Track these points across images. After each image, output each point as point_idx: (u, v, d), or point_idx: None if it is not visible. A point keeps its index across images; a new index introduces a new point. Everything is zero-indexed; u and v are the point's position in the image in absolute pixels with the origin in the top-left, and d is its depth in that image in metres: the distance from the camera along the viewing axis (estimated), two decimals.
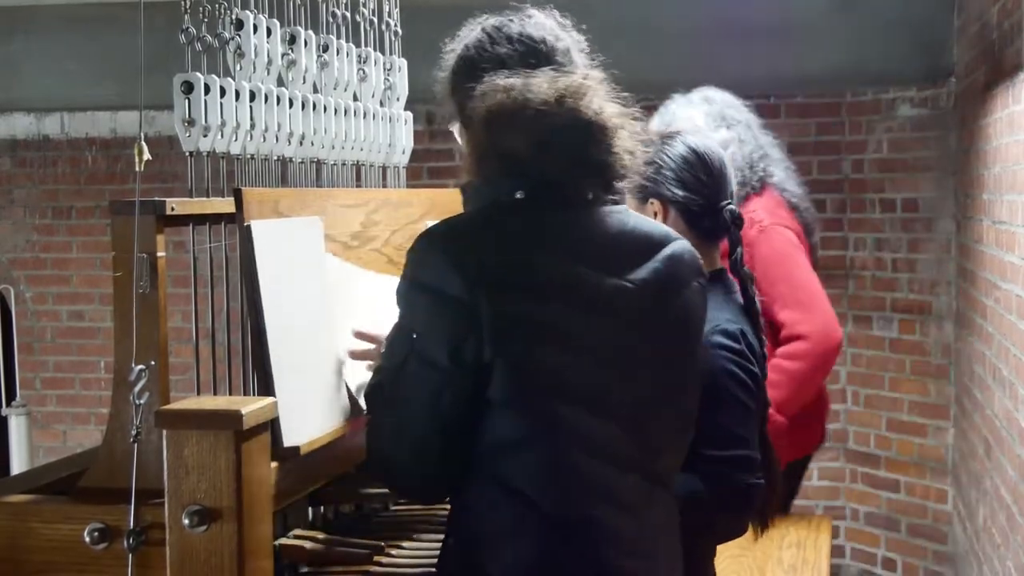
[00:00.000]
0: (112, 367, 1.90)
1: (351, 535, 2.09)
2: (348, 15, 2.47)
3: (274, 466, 1.82)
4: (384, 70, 2.60)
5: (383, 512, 2.30)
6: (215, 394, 1.97)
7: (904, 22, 4.63)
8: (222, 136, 2.03)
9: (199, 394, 1.98)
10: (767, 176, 3.39)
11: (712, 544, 2.21)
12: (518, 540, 1.68)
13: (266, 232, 1.90)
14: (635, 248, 1.77)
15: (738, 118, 3.41)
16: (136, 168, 1.81)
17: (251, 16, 2.11)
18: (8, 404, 5.93)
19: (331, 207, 2.16)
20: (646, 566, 1.76)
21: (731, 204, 2.22)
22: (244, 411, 1.69)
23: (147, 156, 1.84)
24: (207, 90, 1.99)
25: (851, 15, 4.64)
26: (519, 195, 1.74)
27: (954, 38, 4.61)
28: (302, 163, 2.31)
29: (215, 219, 2.02)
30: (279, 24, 2.20)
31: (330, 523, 2.16)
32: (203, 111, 1.98)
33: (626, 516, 1.72)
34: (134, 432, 1.73)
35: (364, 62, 2.51)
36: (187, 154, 2.01)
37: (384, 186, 2.61)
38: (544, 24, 1.90)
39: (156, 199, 1.86)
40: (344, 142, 2.41)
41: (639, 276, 1.75)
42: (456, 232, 1.74)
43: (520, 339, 1.66)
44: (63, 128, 5.97)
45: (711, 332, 2.04)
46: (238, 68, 2.10)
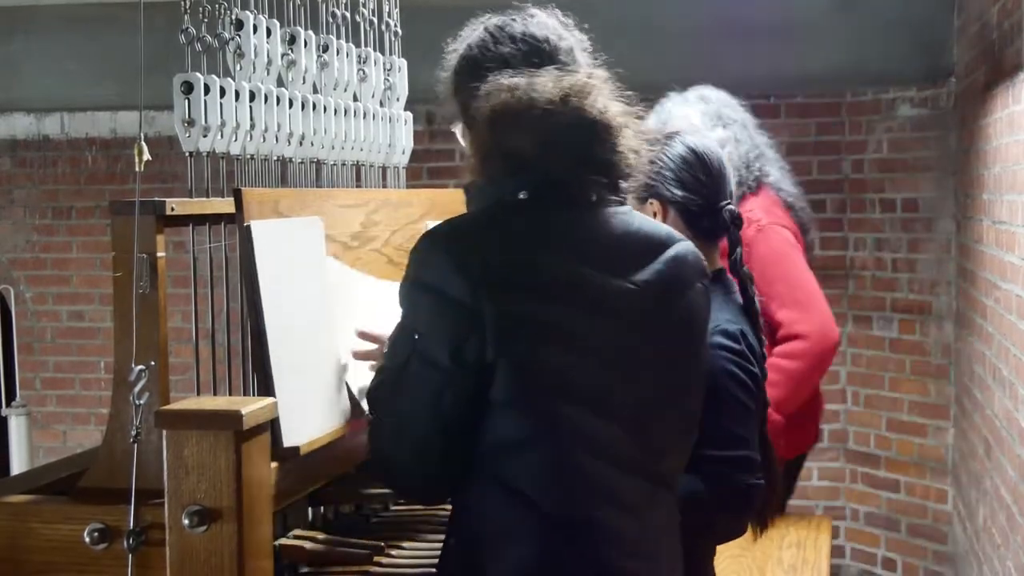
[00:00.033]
0: (112, 367, 1.90)
1: (351, 535, 2.08)
2: (348, 15, 2.47)
3: (274, 466, 1.82)
4: (384, 70, 2.60)
5: (383, 512, 2.30)
6: (215, 394, 1.97)
7: (904, 22, 4.63)
8: (222, 136, 2.03)
9: (199, 394, 1.98)
10: (763, 175, 3.38)
11: (712, 544, 2.20)
12: (519, 541, 1.67)
13: (266, 232, 1.90)
14: (639, 249, 1.77)
15: (734, 117, 3.40)
16: (136, 168, 1.81)
17: (251, 16, 2.11)
18: (8, 404, 5.93)
19: (331, 207, 2.16)
20: (647, 567, 1.75)
21: (730, 204, 2.22)
22: (244, 411, 1.69)
23: (147, 156, 1.84)
24: (207, 90, 1.99)
25: (851, 15, 4.64)
26: (523, 195, 1.73)
27: (954, 38, 4.61)
28: (302, 163, 2.31)
29: (215, 219, 2.02)
30: (279, 24, 2.20)
31: (330, 523, 2.16)
32: (203, 111, 1.98)
33: (628, 517, 1.72)
34: (134, 432, 1.73)
35: (364, 62, 2.51)
36: (187, 154, 2.01)
37: (384, 186, 2.61)
38: (547, 23, 1.89)
39: (156, 199, 1.86)
40: (344, 142, 2.40)
41: (643, 277, 1.74)
42: (459, 232, 1.73)
43: (523, 339, 1.65)
44: (63, 128, 5.97)
45: (712, 332, 2.04)
46: (238, 68, 2.10)
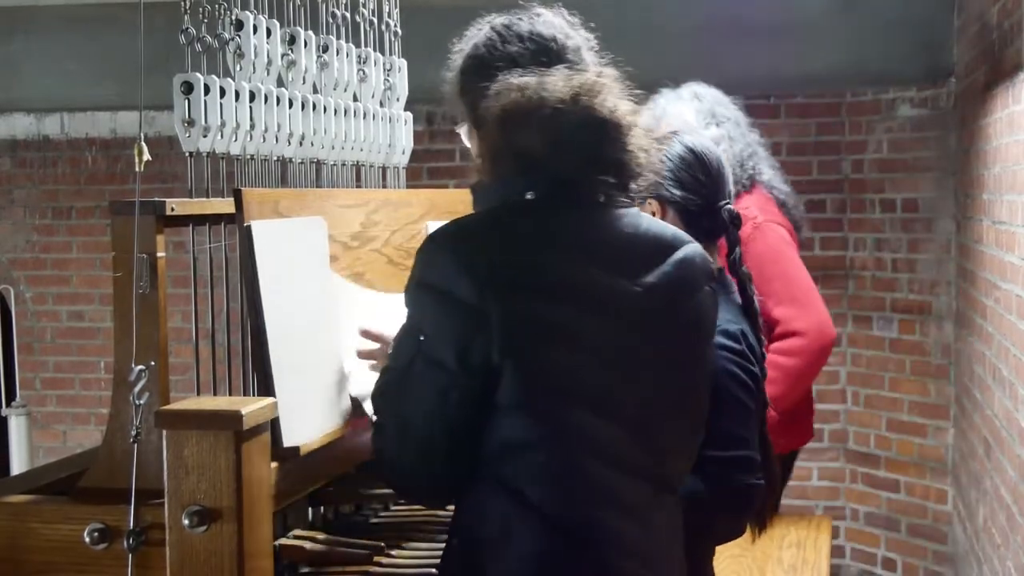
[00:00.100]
0: (112, 367, 1.90)
1: (351, 535, 2.08)
2: (348, 15, 2.47)
3: (274, 466, 1.82)
4: (384, 70, 2.60)
5: (383, 512, 2.30)
6: (215, 394, 1.97)
7: (904, 22, 4.63)
8: (222, 136, 2.03)
9: (199, 394, 1.98)
10: (756, 174, 3.38)
11: (711, 545, 2.20)
12: (520, 542, 1.67)
13: (266, 232, 1.90)
14: (647, 251, 1.76)
15: (727, 115, 3.40)
16: (136, 168, 1.81)
17: (251, 17, 2.11)
18: (8, 404, 5.93)
19: (331, 207, 2.15)
20: (648, 569, 1.74)
21: (729, 204, 2.22)
22: (244, 411, 1.69)
23: (147, 156, 1.84)
24: (207, 90, 1.99)
25: (851, 15, 4.64)
26: (530, 195, 1.72)
27: (954, 38, 4.61)
28: (302, 163, 2.31)
29: (215, 219, 2.02)
30: (279, 25, 2.20)
31: (330, 523, 2.16)
32: (203, 111, 1.98)
33: (630, 520, 1.71)
34: (134, 432, 1.73)
35: (364, 62, 2.51)
36: (187, 154, 2.01)
37: (384, 186, 2.61)
38: (553, 22, 1.87)
39: (156, 199, 1.86)
40: (344, 142, 2.41)
41: (650, 280, 1.73)
42: (466, 232, 1.71)
43: (530, 341, 1.64)
44: (63, 128, 5.97)
45: None
46: (238, 68, 2.11)
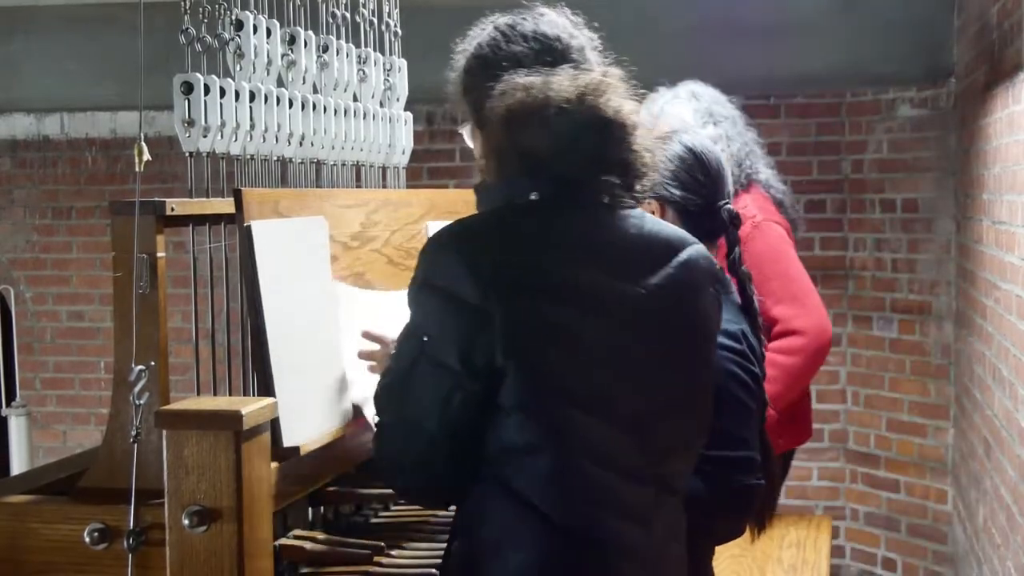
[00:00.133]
0: (112, 367, 1.90)
1: (351, 535, 2.08)
2: (348, 15, 2.47)
3: (274, 466, 1.82)
4: (384, 70, 2.60)
5: (383, 513, 2.30)
6: (215, 394, 1.98)
7: (904, 22, 4.64)
8: (222, 136, 2.03)
9: (199, 394, 1.98)
10: (754, 173, 3.38)
11: (711, 545, 2.20)
12: (521, 545, 1.66)
13: (266, 232, 1.90)
14: (651, 252, 1.75)
15: (724, 114, 3.39)
16: (136, 168, 1.82)
17: (251, 17, 2.11)
18: (8, 404, 5.93)
19: (331, 207, 2.15)
20: (650, 571, 1.73)
21: (728, 203, 2.22)
22: (244, 411, 1.69)
23: (147, 156, 1.84)
24: (207, 90, 1.99)
25: (851, 15, 4.64)
26: (534, 196, 1.71)
27: (954, 38, 4.61)
28: (302, 163, 2.31)
29: (215, 219, 2.02)
30: (279, 25, 2.21)
31: (330, 523, 2.15)
32: (203, 111, 1.99)
33: (631, 523, 1.70)
34: (134, 432, 1.73)
35: (364, 62, 2.51)
36: (187, 154, 2.01)
37: (384, 186, 2.61)
38: (557, 22, 1.86)
39: (156, 199, 1.86)
40: (344, 143, 2.41)
41: (654, 281, 1.72)
42: (470, 232, 1.70)
43: (533, 342, 1.63)
44: (63, 128, 5.96)
45: None
46: (238, 69, 2.11)
